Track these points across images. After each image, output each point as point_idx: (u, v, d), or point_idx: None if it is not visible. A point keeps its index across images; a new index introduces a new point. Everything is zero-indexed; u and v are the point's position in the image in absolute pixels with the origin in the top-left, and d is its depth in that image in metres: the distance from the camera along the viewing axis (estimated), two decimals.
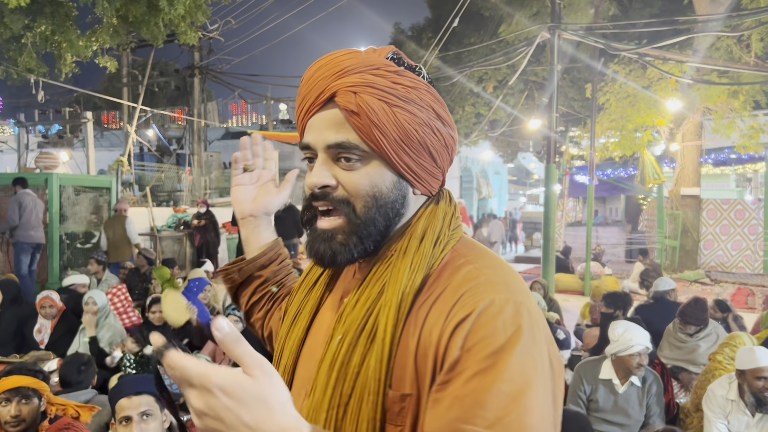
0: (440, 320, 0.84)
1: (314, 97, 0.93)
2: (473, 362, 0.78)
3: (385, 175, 0.94)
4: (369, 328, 0.90)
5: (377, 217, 0.94)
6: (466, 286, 0.86)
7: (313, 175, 0.94)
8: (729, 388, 3.39)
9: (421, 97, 0.93)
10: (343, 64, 0.92)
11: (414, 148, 0.93)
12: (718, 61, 10.87)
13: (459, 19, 10.17)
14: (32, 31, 9.15)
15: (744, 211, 13.71)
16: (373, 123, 0.89)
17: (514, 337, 0.79)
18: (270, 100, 19.58)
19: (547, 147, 9.10)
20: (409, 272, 0.91)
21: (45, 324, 5.30)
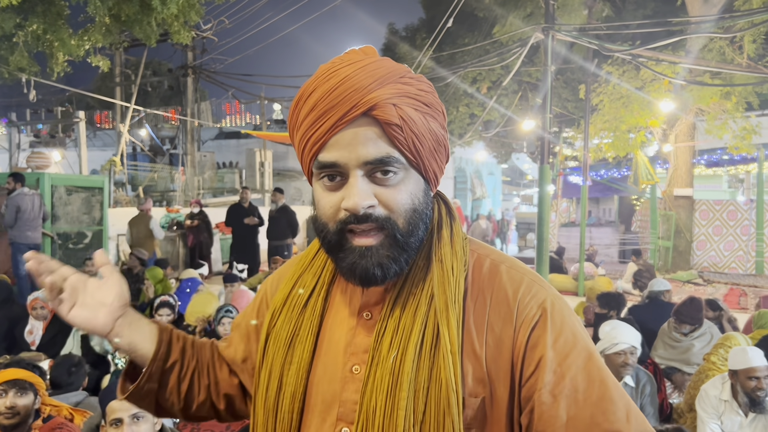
0: (508, 325, 0.91)
1: (344, 111, 0.85)
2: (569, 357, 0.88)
3: (419, 185, 0.93)
4: (429, 340, 0.89)
5: (420, 226, 0.92)
6: (518, 289, 0.93)
7: (354, 195, 0.86)
8: (722, 389, 3.39)
9: (436, 101, 0.94)
10: (376, 73, 0.87)
11: (439, 152, 0.94)
12: (711, 62, 10.91)
13: (453, 19, 10.16)
14: (24, 30, 9.11)
15: (736, 211, 13.77)
16: (415, 134, 0.88)
17: (580, 328, 0.93)
18: (264, 100, 19.55)
19: (541, 148, 9.10)
20: (453, 278, 0.93)
21: (36, 325, 5.26)
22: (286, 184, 19.75)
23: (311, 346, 0.98)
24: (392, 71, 0.88)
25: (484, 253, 0.99)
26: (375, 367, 0.90)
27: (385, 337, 0.91)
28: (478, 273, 0.96)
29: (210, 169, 18.30)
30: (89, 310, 0.99)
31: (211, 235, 11.36)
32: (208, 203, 14.90)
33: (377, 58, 0.90)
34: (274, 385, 0.98)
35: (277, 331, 1.02)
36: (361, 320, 0.96)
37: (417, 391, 0.87)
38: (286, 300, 1.04)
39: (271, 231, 9.98)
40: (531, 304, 0.91)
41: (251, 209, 10.16)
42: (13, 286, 7.00)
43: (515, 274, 0.95)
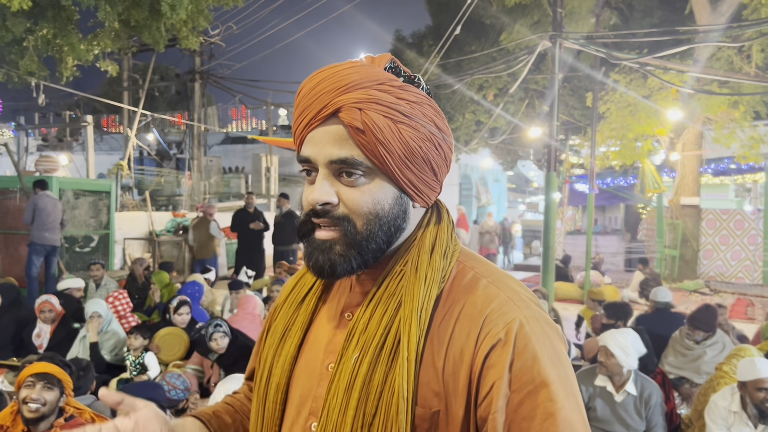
0: (470, 339, 0.89)
1: (316, 111, 0.90)
2: (523, 383, 0.85)
3: (387, 191, 0.93)
4: (389, 346, 0.90)
5: (378, 233, 0.93)
6: (489, 305, 0.91)
7: (314, 191, 0.91)
8: (732, 400, 3.37)
9: (424, 111, 0.92)
10: (348, 78, 0.89)
11: (417, 163, 0.93)
12: (719, 71, 10.89)
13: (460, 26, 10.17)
14: (34, 35, 9.15)
15: (743, 221, 13.72)
16: (379, 141, 0.88)
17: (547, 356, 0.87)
18: (270, 106, 19.59)
19: (548, 155, 9.10)
20: (424, 287, 0.92)
21: (44, 328, 5.28)
22: (291, 189, 19.76)
23: (298, 341, 1.01)
24: (369, 77, 0.89)
25: (470, 265, 0.99)
26: (341, 366, 0.92)
27: (354, 337, 0.93)
28: (457, 284, 0.95)
29: (216, 174, 18.34)
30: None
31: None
32: None
33: (356, 65, 0.91)
34: (266, 375, 1.03)
35: (275, 325, 1.07)
36: (343, 320, 0.99)
37: (369, 393, 0.88)
38: (287, 297, 1.10)
39: (277, 236, 9.99)
40: (497, 321, 0.88)
41: (257, 214, 10.17)
42: (22, 288, 7.03)
43: (492, 289, 0.93)
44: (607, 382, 3.63)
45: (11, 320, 5.40)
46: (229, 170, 20.60)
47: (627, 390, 3.57)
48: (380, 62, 0.94)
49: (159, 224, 11.96)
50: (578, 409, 0.87)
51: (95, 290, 7.29)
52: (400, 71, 0.94)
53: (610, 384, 3.62)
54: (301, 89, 0.93)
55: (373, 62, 0.94)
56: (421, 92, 0.94)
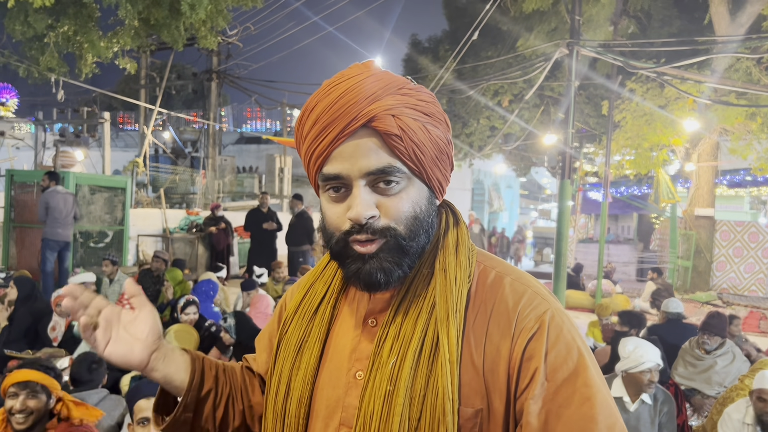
0: (506, 336, 0.91)
1: (344, 124, 0.88)
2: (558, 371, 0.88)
3: (422, 193, 0.94)
4: (428, 348, 0.90)
5: (421, 234, 0.94)
6: (519, 301, 0.94)
7: (357, 205, 0.89)
8: (746, 413, 3.35)
9: (438, 109, 0.95)
10: (374, 86, 0.89)
11: (443, 160, 0.96)
12: (737, 82, 10.80)
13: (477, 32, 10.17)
14: (55, 31, 9.28)
15: (758, 233, 13.60)
16: (415, 144, 0.89)
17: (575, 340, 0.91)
18: (285, 107, 19.67)
19: (563, 163, 9.07)
20: (456, 288, 0.93)
21: (59, 321, 5.34)
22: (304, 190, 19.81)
23: (318, 352, 1.00)
24: (390, 83, 0.90)
25: (490, 265, 1.00)
26: (375, 372, 0.91)
27: (386, 343, 0.92)
28: (482, 284, 0.97)
29: (230, 174, 18.43)
30: (125, 346, 0.97)
31: (233, 239, 11.45)
32: (227, 207, 15.01)
33: (376, 72, 0.92)
34: (283, 389, 1.01)
35: (288, 337, 1.05)
36: (366, 327, 0.98)
37: (413, 397, 0.88)
38: (298, 308, 1.07)
39: (290, 237, 10.02)
40: (530, 316, 0.91)
41: (270, 214, 10.21)
42: (37, 281, 7.10)
43: (518, 286, 0.96)
44: (624, 393, 3.59)
45: (27, 313, 5.46)
46: (242, 170, 20.71)
47: (642, 399, 3.55)
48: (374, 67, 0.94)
49: (173, 222, 12.04)
50: (609, 393, 0.90)
51: (108, 285, 7.36)
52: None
53: (627, 395, 3.59)
54: (316, 104, 0.91)
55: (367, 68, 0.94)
56: (428, 91, 0.96)
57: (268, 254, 10.13)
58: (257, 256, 9.99)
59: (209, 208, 11.94)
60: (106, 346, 0.97)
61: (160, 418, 1.08)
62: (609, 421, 0.86)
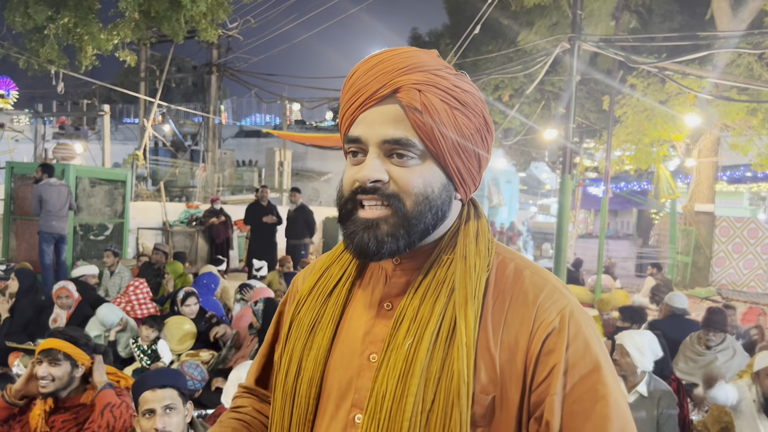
0: (525, 327, 0.91)
1: (373, 90, 0.90)
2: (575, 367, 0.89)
3: (437, 176, 0.94)
4: (445, 332, 0.90)
5: (428, 214, 0.93)
6: (540, 293, 0.94)
7: (365, 167, 0.91)
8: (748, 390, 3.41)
9: (476, 102, 0.95)
10: (408, 60, 0.91)
11: (467, 152, 0.95)
12: (738, 77, 10.79)
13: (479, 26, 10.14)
14: (55, 23, 9.24)
15: (757, 230, 13.61)
16: (435, 122, 0.89)
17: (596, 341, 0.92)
18: (285, 100, 19.64)
19: (564, 158, 9.06)
20: (475, 274, 0.94)
21: (60, 314, 5.34)
22: (304, 184, 19.82)
23: (331, 334, 1.00)
24: (427, 62, 0.92)
25: (509, 257, 1.01)
26: (389, 353, 0.91)
27: (403, 325, 0.92)
28: (501, 275, 0.97)
29: (230, 167, 18.42)
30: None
31: (232, 232, 11.45)
32: (226, 200, 14.99)
33: (416, 50, 0.93)
34: (293, 370, 1.01)
35: (301, 318, 1.05)
36: (382, 310, 0.98)
37: (428, 379, 0.88)
38: (312, 289, 1.07)
39: (289, 230, 10.02)
40: (551, 309, 0.92)
41: (270, 208, 10.20)
42: (37, 274, 7.09)
43: (538, 279, 0.96)
44: (621, 383, 3.62)
45: (29, 305, 5.46)
46: (242, 163, 20.68)
47: (638, 390, 3.56)
48: (419, 49, 0.96)
49: (172, 215, 12.02)
50: (623, 393, 0.92)
51: (109, 277, 7.37)
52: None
53: (623, 384, 3.61)
54: (355, 71, 0.94)
55: (414, 49, 0.96)
56: (472, 84, 0.96)
57: (268, 248, 10.13)
58: (257, 250, 9.98)
59: (209, 201, 11.93)
60: None
61: None
62: (622, 422, 0.87)
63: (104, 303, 5.48)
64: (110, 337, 5.01)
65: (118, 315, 5.14)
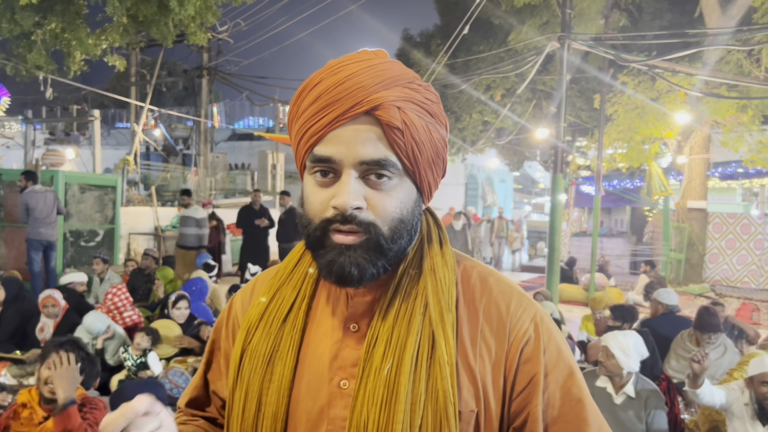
0: (501, 337, 0.91)
1: (347, 107, 0.82)
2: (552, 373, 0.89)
3: (411, 195, 0.89)
4: (425, 352, 0.86)
5: (404, 236, 0.89)
6: (510, 302, 0.93)
7: (344, 193, 0.83)
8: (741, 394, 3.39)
9: (441, 112, 0.91)
10: (385, 74, 0.84)
11: (438, 164, 0.92)
12: (728, 74, 10.82)
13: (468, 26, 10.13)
14: (42, 29, 9.17)
15: (750, 225, 13.65)
16: (415, 141, 0.85)
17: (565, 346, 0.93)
18: (277, 103, 19.61)
19: (555, 157, 9.06)
20: (446, 288, 0.91)
21: (47, 323, 5.29)
22: (297, 186, 19.78)
23: (293, 363, 0.92)
24: (401, 75, 0.86)
25: (470, 265, 0.98)
26: (366, 380, 0.86)
27: (377, 349, 0.87)
28: (467, 284, 0.95)
29: (222, 171, 18.37)
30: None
31: (225, 236, 11.42)
32: (219, 204, 14.95)
33: (387, 60, 0.88)
34: (252, 405, 0.92)
35: (254, 348, 0.94)
36: (348, 332, 0.92)
37: (414, 403, 0.83)
38: (263, 315, 0.97)
39: (280, 234, 10.01)
40: (523, 318, 0.91)
41: (262, 211, 10.23)
42: (25, 282, 7.04)
43: (504, 287, 0.95)
44: (608, 383, 3.61)
45: (15, 314, 5.41)
46: (235, 167, 20.64)
47: (625, 392, 3.54)
48: (385, 56, 0.89)
49: (164, 220, 11.98)
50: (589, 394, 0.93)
51: (99, 284, 7.32)
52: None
53: (611, 385, 3.60)
54: (320, 81, 0.85)
55: (378, 55, 0.89)
56: (435, 91, 0.92)
57: (261, 252, 10.12)
58: (250, 254, 9.97)
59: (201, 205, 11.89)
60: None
61: None
62: (598, 422, 0.89)
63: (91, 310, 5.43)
64: (97, 345, 4.96)
65: (104, 323, 5.08)
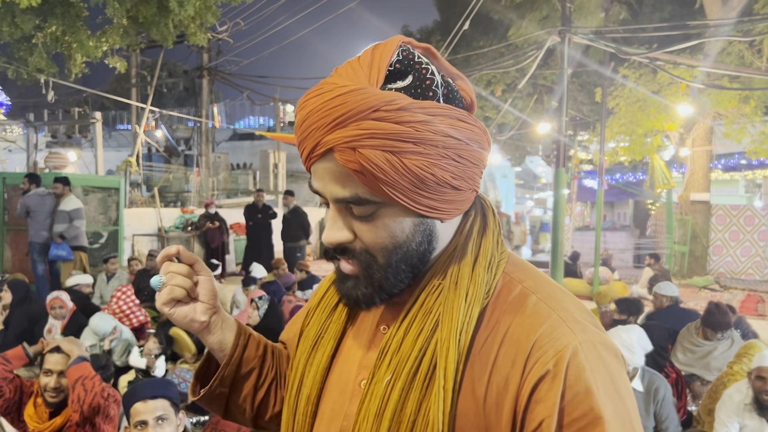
0: (517, 367, 0.79)
1: (310, 148, 0.80)
2: (573, 419, 0.76)
3: (404, 222, 0.83)
4: (424, 371, 0.81)
5: (401, 264, 0.85)
6: (539, 327, 0.80)
7: (328, 230, 0.85)
8: (746, 393, 3.36)
9: (435, 128, 0.77)
10: (336, 111, 0.76)
11: (432, 189, 0.80)
12: (730, 66, 10.79)
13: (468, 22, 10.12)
14: (43, 32, 9.18)
15: (753, 217, 13.62)
16: (378, 179, 0.77)
17: (603, 388, 0.77)
18: (278, 102, 19.60)
19: (557, 151, 9.06)
20: (465, 306, 0.83)
21: (55, 324, 5.30)
22: (299, 185, 19.81)
23: (331, 351, 0.94)
24: (360, 106, 0.75)
25: (518, 278, 0.87)
26: (373, 386, 0.85)
27: (387, 356, 0.85)
28: (503, 300, 0.85)
29: (224, 171, 18.38)
30: (188, 306, 0.98)
31: (228, 236, 11.45)
32: (222, 204, 14.96)
33: (350, 89, 0.76)
34: (296, 384, 0.97)
35: (308, 330, 1.00)
36: (378, 333, 0.92)
37: (401, 422, 0.80)
38: (320, 301, 1.02)
39: (285, 233, 10.04)
40: (547, 348, 0.78)
41: (265, 209, 10.42)
42: (32, 284, 7.06)
43: (543, 308, 0.82)
44: None
45: (22, 316, 5.43)
46: (237, 166, 20.65)
47: (633, 387, 3.53)
48: (383, 57, 0.80)
49: (167, 221, 11.99)
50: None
51: (106, 283, 7.41)
52: (408, 67, 0.81)
53: None
54: (298, 110, 0.83)
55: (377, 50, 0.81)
56: (430, 103, 0.78)
57: (265, 251, 10.15)
58: (253, 253, 10.00)
59: (203, 206, 11.92)
60: (172, 306, 0.97)
61: (197, 387, 1.08)
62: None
63: (97, 312, 5.45)
64: (105, 346, 4.98)
65: (111, 324, 5.09)
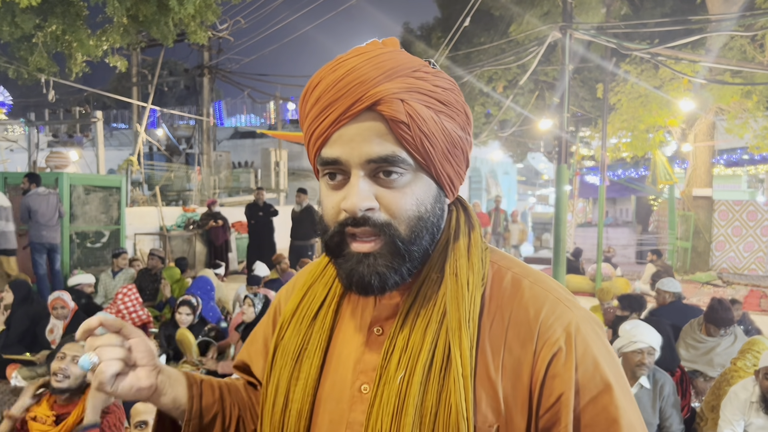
0: (528, 348, 0.83)
1: (347, 105, 0.78)
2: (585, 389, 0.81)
3: (429, 189, 0.85)
4: (439, 361, 0.82)
5: (425, 236, 0.85)
6: (541, 308, 0.86)
7: (352, 194, 0.80)
8: (753, 391, 3.34)
9: (457, 98, 0.85)
10: (384, 65, 0.79)
11: (456, 155, 0.86)
12: (732, 60, 10.75)
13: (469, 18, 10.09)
14: (43, 31, 9.17)
15: (756, 212, 13.58)
16: (424, 134, 0.79)
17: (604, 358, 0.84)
18: (279, 100, 19.58)
19: (559, 147, 9.03)
20: (468, 294, 0.85)
21: (57, 324, 5.31)
22: (301, 183, 19.77)
23: (319, 362, 0.91)
24: (403, 64, 0.80)
25: (506, 266, 0.91)
26: (382, 387, 0.84)
27: (394, 355, 0.85)
28: (497, 288, 0.88)
29: (226, 169, 18.37)
30: (130, 377, 0.86)
31: (229, 234, 11.46)
32: (223, 203, 14.96)
33: (390, 50, 0.82)
34: (281, 401, 0.92)
35: (285, 344, 0.95)
36: (372, 336, 0.90)
37: (423, 416, 0.80)
38: (295, 311, 0.98)
39: (296, 231, 10.03)
40: (555, 326, 0.83)
41: (266, 207, 10.46)
42: (33, 284, 7.07)
43: (539, 290, 0.87)
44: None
45: (24, 316, 5.43)
46: (238, 165, 20.64)
47: (641, 383, 3.52)
48: (394, 44, 0.86)
49: (169, 219, 11.99)
50: (636, 409, 0.84)
51: (111, 278, 7.45)
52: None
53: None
54: (320, 81, 0.82)
55: (386, 45, 0.85)
56: (449, 77, 0.86)
57: (267, 249, 10.15)
58: (256, 252, 10.01)
59: (206, 205, 11.92)
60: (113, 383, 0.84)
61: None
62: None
63: (99, 311, 5.45)
64: None
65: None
